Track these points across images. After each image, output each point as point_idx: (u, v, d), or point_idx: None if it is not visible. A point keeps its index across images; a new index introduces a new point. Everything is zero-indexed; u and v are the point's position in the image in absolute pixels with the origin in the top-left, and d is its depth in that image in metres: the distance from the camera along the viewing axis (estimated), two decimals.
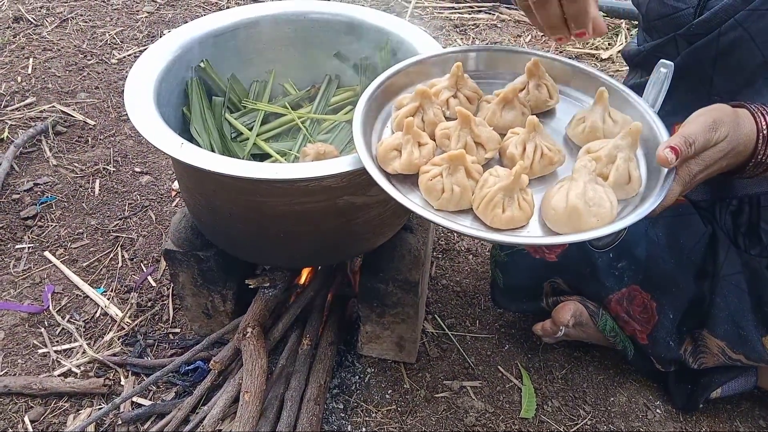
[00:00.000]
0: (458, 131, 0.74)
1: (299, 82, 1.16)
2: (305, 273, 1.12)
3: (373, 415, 1.00)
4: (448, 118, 0.81)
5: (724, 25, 0.85)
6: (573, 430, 0.99)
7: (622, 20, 2.36)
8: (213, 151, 1.00)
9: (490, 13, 2.40)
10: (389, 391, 1.03)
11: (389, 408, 1.01)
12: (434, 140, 0.77)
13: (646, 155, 0.75)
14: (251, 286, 1.03)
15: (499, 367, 1.08)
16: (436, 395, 1.03)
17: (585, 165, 0.68)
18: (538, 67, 0.81)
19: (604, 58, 2.15)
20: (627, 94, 0.81)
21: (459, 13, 2.39)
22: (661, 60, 0.77)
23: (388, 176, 0.74)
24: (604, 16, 2.36)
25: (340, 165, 0.78)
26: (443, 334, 1.14)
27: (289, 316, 1.05)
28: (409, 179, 0.74)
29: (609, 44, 2.25)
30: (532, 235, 0.68)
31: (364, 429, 0.98)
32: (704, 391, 1.00)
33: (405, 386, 1.04)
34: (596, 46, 2.22)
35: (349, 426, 0.98)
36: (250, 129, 1.08)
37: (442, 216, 0.69)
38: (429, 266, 1.25)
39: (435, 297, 1.21)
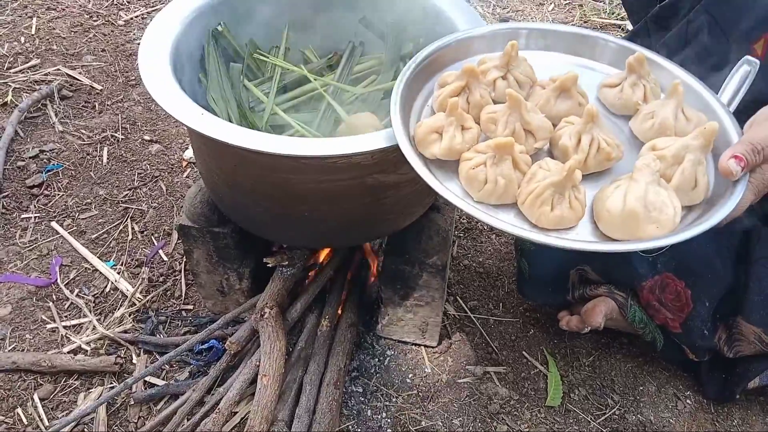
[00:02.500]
0: (507, 116, 0.68)
1: (321, 49, 1.10)
2: (324, 252, 1.07)
3: (394, 399, 0.97)
4: (493, 101, 0.75)
5: (692, 12, 0.83)
6: (601, 419, 0.96)
7: None
8: (230, 120, 0.94)
9: None
10: (410, 375, 1.00)
11: (410, 393, 0.98)
12: (479, 124, 0.71)
13: (714, 156, 0.68)
14: (269, 265, 0.98)
15: (523, 352, 1.05)
16: (459, 380, 1.00)
17: (648, 164, 0.61)
18: (642, 64, 0.73)
19: (630, 28, 2.06)
20: (699, 89, 0.74)
21: None
22: (747, 56, 0.71)
23: (426, 160, 0.68)
24: None
25: (372, 142, 0.73)
26: (465, 316, 1.10)
27: (307, 296, 1.01)
28: (448, 164, 0.68)
29: None
30: (580, 237, 0.62)
31: (384, 414, 0.95)
32: (741, 381, 0.96)
33: (426, 370, 1.01)
34: (622, 17, 2.13)
35: (369, 410, 0.95)
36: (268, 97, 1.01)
37: (483, 210, 0.63)
38: (451, 246, 1.20)
39: (457, 278, 1.17)
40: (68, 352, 1.00)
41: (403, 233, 0.95)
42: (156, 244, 1.20)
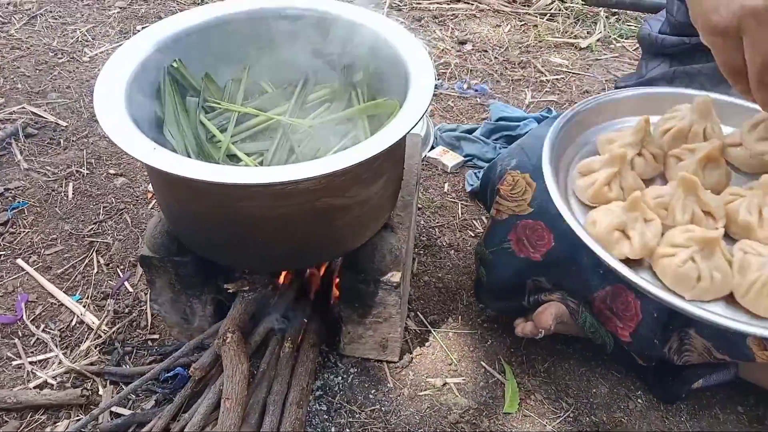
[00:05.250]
0: (683, 200, 0.65)
1: (276, 80, 1.14)
2: (286, 275, 1.10)
3: (357, 415, 0.99)
4: None
5: None
6: (555, 423, 1.00)
7: (600, 8, 2.36)
8: (188, 153, 0.98)
9: (469, 3, 2.39)
10: (373, 391, 1.03)
11: (373, 408, 1.01)
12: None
13: None
14: (230, 291, 1.01)
15: (482, 362, 1.08)
16: (420, 393, 1.03)
17: None
18: None
19: (582, 47, 2.15)
20: None
21: (438, 3, 2.38)
22: None
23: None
24: (618, 12, 2.35)
25: (317, 168, 0.77)
26: (426, 330, 1.14)
27: (269, 319, 1.04)
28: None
29: (588, 33, 2.25)
30: None
31: (348, 430, 0.97)
32: (685, 384, 1.01)
33: (389, 385, 1.04)
34: (575, 35, 2.22)
35: (333, 428, 0.97)
36: (226, 129, 1.05)
37: (700, 307, 0.58)
38: (411, 264, 1.24)
39: (417, 294, 1.21)
40: (34, 388, 1.01)
41: (357, 253, 0.98)
42: (122, 276, 1.22)
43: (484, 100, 1.82)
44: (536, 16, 2.32)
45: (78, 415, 0.98)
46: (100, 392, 1.01)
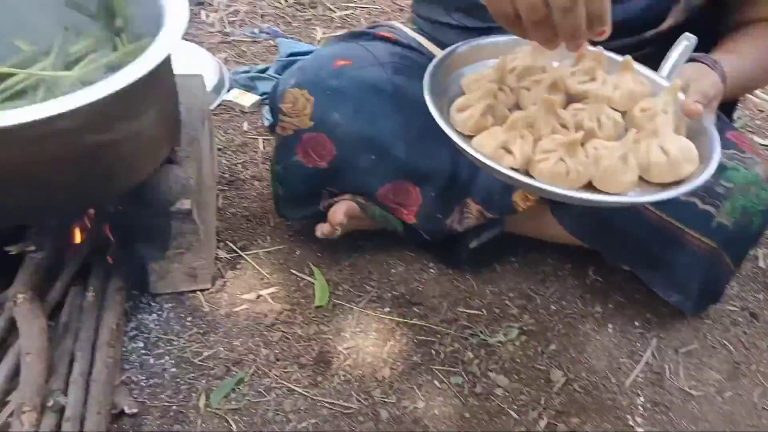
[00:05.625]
0: (545, 117, 0.79)
1: (33, 39, 1.08)
2: (80, 225, 1.08)
3: (175, 342, 1.03)
4: None
5: None
6: (362, 303, 1.13)
7: None
8: None
9: None
10: (189, 318, 1.07)
11: (191, 333, 1.05)
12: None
13: None
14: (13, 253, 0.97)
15: (292, 270, 1.17)
16: (236, 309, 1.10)
17: (665, 121, 0.77)
18: (629, 66, 0.85)
19: None
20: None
21: None
22: (686, 33, 0.87)
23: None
24: None
25: (63, 104, 0.77)
26: (237, 256, 1.20)
27: (66, 273, 1.02)
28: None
29: None
30: (639, 191, 0.77)
31: (167, 357, 1.01)
32: (463, 245, 1.19)
33: (204, 310, 1.09)
34: None
35: (152, 359, 1.00)
36: None
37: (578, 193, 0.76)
38: (214, 198, 1.28)
39: (225, 226, 1.25)
40: None
41: (143, 188, 1.00)
42: None
43: (277, 42, 1.86)
44: None
45: None
46: None
